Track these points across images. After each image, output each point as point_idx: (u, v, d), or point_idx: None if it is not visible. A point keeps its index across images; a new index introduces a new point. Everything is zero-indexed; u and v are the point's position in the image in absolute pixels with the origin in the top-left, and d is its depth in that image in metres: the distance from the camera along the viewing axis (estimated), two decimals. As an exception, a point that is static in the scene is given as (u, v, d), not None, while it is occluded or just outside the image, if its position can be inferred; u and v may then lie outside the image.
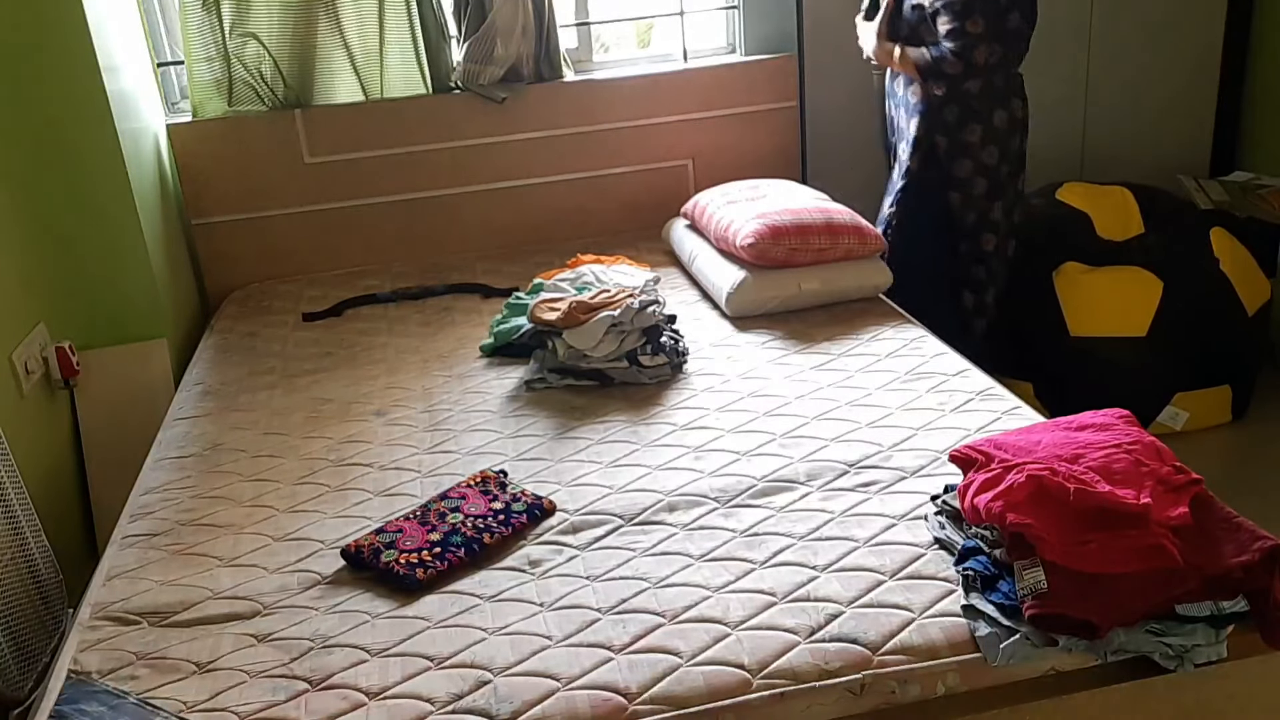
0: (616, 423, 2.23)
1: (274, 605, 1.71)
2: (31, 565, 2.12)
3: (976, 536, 1.62)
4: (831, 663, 1.48)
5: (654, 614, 1.61)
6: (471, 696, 1.47)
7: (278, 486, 2.09)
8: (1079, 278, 3.00)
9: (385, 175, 3.31)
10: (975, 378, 2.31)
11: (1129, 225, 3.09)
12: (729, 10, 3.58)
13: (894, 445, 2.04)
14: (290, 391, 2.53)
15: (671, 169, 3.48)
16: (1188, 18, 3.64)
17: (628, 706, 1.43)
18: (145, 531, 1.97)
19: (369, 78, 3.26)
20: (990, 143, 2.83)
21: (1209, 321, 2.98)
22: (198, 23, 3.10)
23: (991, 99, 2.80)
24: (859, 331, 2.61)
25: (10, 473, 2.11)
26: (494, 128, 3.32)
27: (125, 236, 2.78)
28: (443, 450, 2.18)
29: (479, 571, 1.76)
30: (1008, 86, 2.81)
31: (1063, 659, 1.49)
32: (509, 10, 3.18)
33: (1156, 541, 1.47)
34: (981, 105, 2.80)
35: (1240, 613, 1.49)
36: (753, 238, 2.70)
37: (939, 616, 1.54)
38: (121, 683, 1.56)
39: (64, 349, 2.65)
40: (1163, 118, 3.74)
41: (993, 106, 2.81)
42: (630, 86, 3.38)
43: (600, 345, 2.37)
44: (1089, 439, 1.68)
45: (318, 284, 3.26)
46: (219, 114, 3.22)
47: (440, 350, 2.70)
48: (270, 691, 1.52)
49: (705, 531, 1.81)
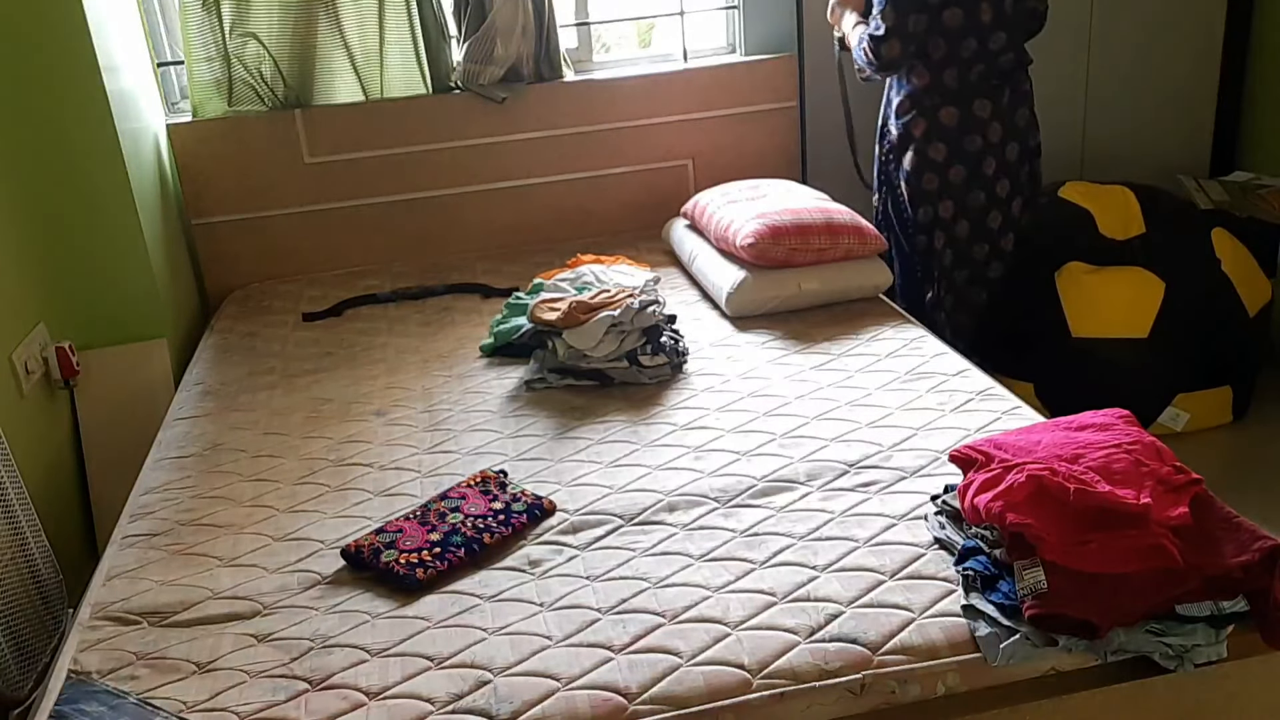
0: (616, 423, 2.23)
1: (274, 605, 1.71)
2: (31, 565, 2.12)
3: (976, 536, 1.62)
4: (831, 663, 1.48)
5: (654, 614, 1.60)
6: (471, 696, 1.47)
7: (278, 486, 2.09)
8: (1081, 278, 2.99)
9: (385, 175, 3.31)
10: (975, 378, 2.31)
11: (1130, 224, 3.09)
12: (729, 10, 3.58)
13: (894, 445, 2.04)
14: (290, 391, 2.53)
15: (671, 169, 3.48)
16: (1187, 18, 3.64)
17: (628, 706, 1.43)
18: (145, 531, 1.97)
19: (369, 78, 3.26)
20: (936, 139, 2.82)
21: (1210, 322, 2.98)
22: (198, 23, 3.10)
23: (941, 96, 2.79)
24: (859, 331, 2.61)
25: (10, 473, 2.11)
26: (494, 128, 3.32)
27: (125, 236, 2.78)
28: (443, 450, 2.18)
29: (479, 571, 1.76)
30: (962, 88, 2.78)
31: (1063, 659, 1.49)
32: (509, 10, 3.18)
33: (1156, 541, 1.47)
34: (929, 101, 2.80)
35: (1240, 613, 1.48)
36: (753, 238, 2.70)
37: (939, 616, 1.54)
38: (121, 683, 1.56)
39: (64, 349, 2.65)
40: (1163, 118, 3.74)
41: (940, 104, 2.79)
42: (630, 86, 3.38)
43: (600, 345, 2.37)
44: (1089, 439, 1.68)
45: (318, 284, 3.26)
46: (219, 114, 3.22)
47: (440, 350, 2.70)
48: (270, 691, 1.52)
49: (705, 531, 1.81)
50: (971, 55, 2.74)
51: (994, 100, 2.80)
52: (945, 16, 2.70)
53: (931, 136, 2.81)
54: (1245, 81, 3.71)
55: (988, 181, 2.86)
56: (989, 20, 2.72)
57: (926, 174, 2.85)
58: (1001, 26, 2.74)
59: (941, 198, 2.86)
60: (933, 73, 2.76)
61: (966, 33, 2.71)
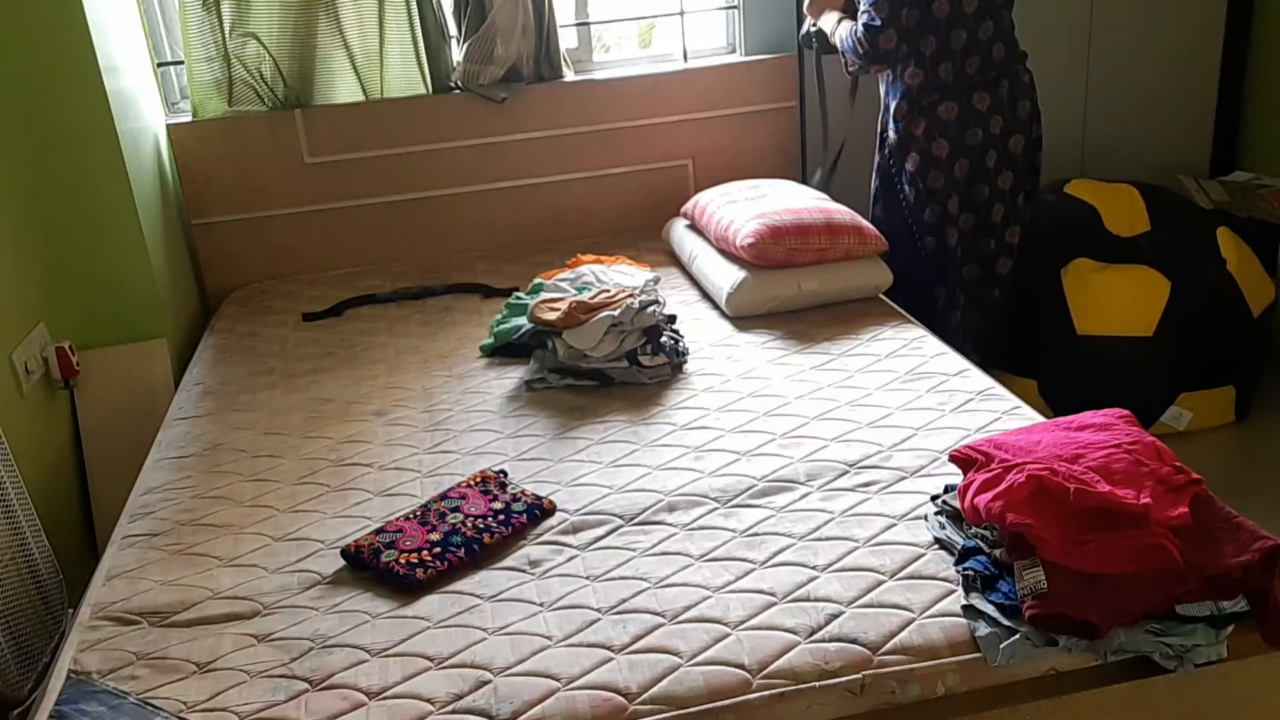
0: (616, 423, 2.23)
1: (274, 605, 1.71)
2: (31, 565, 2.12)
3: (976, 536, 1.62)
4: (831, 663, 1.48)
5: (654, 614, 1.60)
6: (471, 696, 1.47)
7: (278, 486, 2.09)
8: (1087, 276, 2.99)
9: (385, 175, 3.31)
10: (975, 378, 2.30)
11: (1136, 222, 3.09)
12: (729, 10, 3.58)
13: (894, 445, 2.04)
14: (290, 391, 2.53)
15: (671, 169, 3.48)
16: (1187, 18, 3.64)
17: (628, 706, 1.43)
18: (145, 531, 1.97)
19: (369, 78, 3.26)
20: (938, 136, 2.81)
21: (1215, 322, 2.98)
22: (198, 23, 3.10)
23: (939, 92, 2.79)
24: (859, 331, 2.61)
25: (10, 473, 2.11)
26: (494, 128, 3.33)
27: (125, 236, 2.78)
28: (443, 450, 2.18)
29: (479, 571, 1.76)
30: (958, 82, 2.78)
31: (1063, 659, 1.49)
32: (509, 10, 3.18)
33: (1156, 541, 1.47)
34: (926, 99, 2.79)
35: (1240, 613, 1.48)
36: (753, 238, 2.70)
37: (939, 616, 1.54)
38: (121, 683, 1.56)
39: (64, 349, 2.65)
40: (1163, 118, 3.74)
41: (938, 100, 2.79)
42: (630, 86, 3.38)
43: (600, 345, 2.37)
44: (1089, 439, 1.68)
45: (318, 284, 3.26)
46: (219, 114, 3.22)
47: (440, 350, 2.70)
48: (270, 691, 1.52)
49: (705, 531, 1.81)
50: (963, 47, 2.75)
51: (992, 92, 2.79)
52: (934, 8, 2.71)
53: (934, 134, 2.80)
54: (1245, 81, 3.71)
55: (990, 175, 2.86)
56: (973, 10, 2.74)
57: (933, 172, 2.83)
58: (988, 14, 2.75)
59: (949, 194, 2.85)
60: (927, 69, 2.76)
61: (954, 24, 2.73)
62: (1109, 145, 3.74)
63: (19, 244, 2.56)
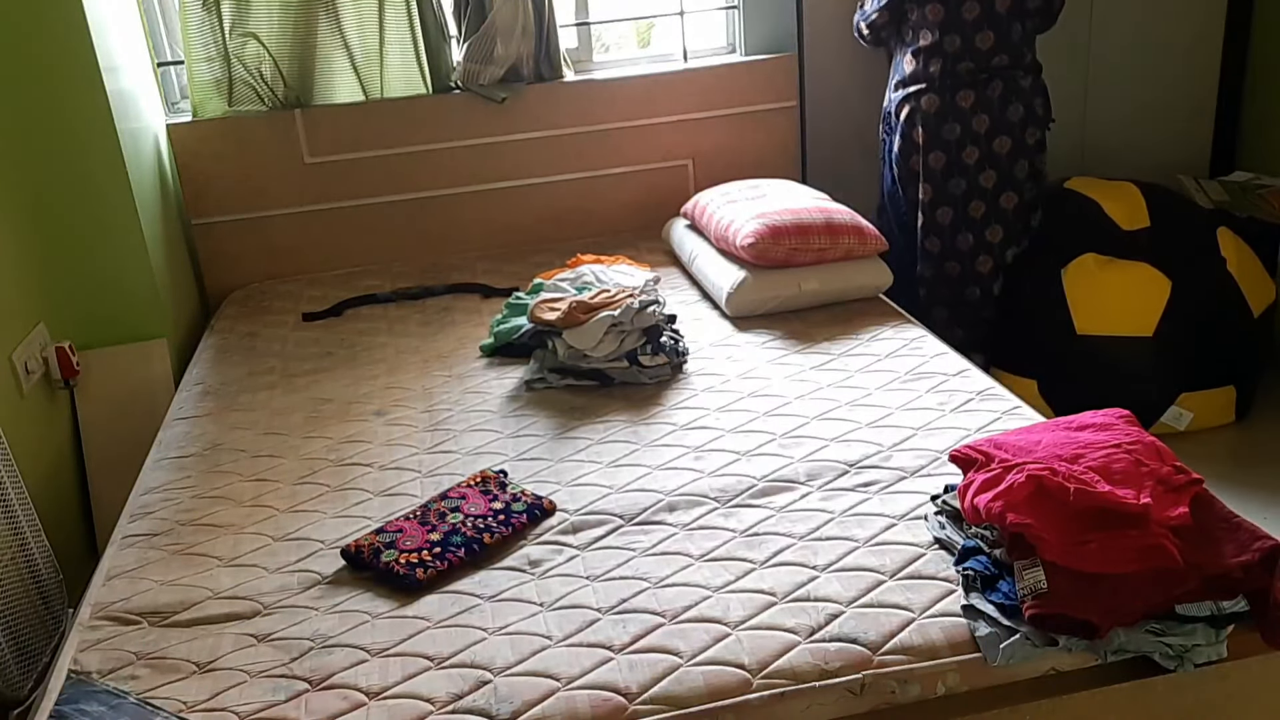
0: (616, 423, 2.23)
1: (274, 605, 1.71)
2: (31, 565, 2.12)
3: (976, 536, 1.62)
4: (831, 663, 1.48)
5: (654, 614, 1.60)
6: (471, 696, 1.47)
7: (278, 486, 2.09)
8: (1088, 275, 2.99)
9: (385, 175, 3.31)
10: (975, 378, 2.31)
11: (1137, 217, 3.09)
12: (729, 10, 3.57)
13: (894, 445, 2.04)
14: (290, 391, 2.53)
15: (671, 169, 3.48)
16: (1187, 18, 3.64)
17: (628, 706, 1.43)
18: (145, 531, 1.97)
19: (369, 78, 3.26)
20: (918, 124, 2.94)
21: (1215, 322, 2.98)
22: (198, 23, 3.10)
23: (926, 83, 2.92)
24: (859, 331, 2.61)
25: (10, 473, 2.12)
26: (494, 128, 3.32)
27: (125, 236, 2.78)
28: (443, 450, 2.18)
29: (479, 571, 1.76)
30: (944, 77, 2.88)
31: (1063, 659, 1.48)
32: (509, 10, 3.18)
33: (1156, 541, 1.47)
34: (914, 86, 2.94)
35: (1240, 613, 1.48)
36: (753, 237, 2.70)
37: (939, 616, 1.54)
38: (121, 683, 1.56)
39: (64, 349, 2.65)
40: (1163, 118, 3.73)
41: (923, 90, 2.93)
42: (630, 86, 3.38)
43: (600, 345, 2.37)
44: (1089, 439, 1.68)
45: (318, 284, 3.26)
46: (219, 114, 3.22)
47: (440, 350, 2.70)
48: (270, 691, 1.52)
49: (705, 531, 1.81)
50: (956, 51, 2.79)
51: (979, 92, 2.88)
52: (928, 10, 2.76)
53: (915, 121, 2.95)
54: (1245, 81, 3.71)
55: (969, 170, 2.93)
56: (973, 19, 2.77)
57: (912, 156, 3.00)
58: (990, 25, 2.77)
59: (923, 180, 2.98)
60: (918, 61, 2.86)
61: (949, 29, 2.77)
62: (1109, 145, 3.74)
63: (19, 244, 2.56)
